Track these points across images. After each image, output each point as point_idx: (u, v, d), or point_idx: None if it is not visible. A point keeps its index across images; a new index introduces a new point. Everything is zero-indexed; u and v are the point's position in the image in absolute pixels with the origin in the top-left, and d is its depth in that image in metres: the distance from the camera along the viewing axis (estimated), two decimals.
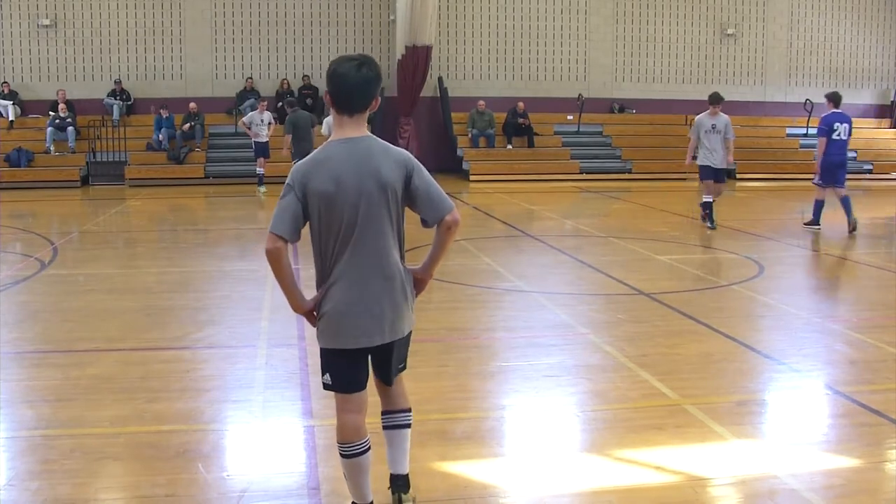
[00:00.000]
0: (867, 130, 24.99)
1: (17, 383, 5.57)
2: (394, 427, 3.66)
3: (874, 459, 4.44)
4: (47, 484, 4.04)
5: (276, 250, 3.28)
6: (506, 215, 15.00)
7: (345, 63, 3.33)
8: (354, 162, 3.31)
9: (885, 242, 13.10)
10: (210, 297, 8.31)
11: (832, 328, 7.14)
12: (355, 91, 3.32)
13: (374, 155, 3.34)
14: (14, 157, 20.05)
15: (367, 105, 3.37)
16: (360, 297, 3.36)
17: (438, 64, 23.26)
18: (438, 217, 3.40)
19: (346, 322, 3.37)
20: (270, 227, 3.30)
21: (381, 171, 3.32)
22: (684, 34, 24.63)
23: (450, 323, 7.37)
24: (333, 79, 3.33)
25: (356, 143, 3.35)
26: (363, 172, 3.30)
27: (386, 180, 3.32)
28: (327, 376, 3.48)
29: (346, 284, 3.35)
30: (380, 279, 3.37)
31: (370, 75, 3.33)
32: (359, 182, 3.29)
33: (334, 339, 3.42)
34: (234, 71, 22.61)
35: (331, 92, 3.35)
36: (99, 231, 13.72)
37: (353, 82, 3.30)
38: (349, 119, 3.36)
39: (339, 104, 3.35)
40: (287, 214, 3.29)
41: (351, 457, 3.48)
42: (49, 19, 21.69)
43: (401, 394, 3.67)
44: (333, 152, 3.34)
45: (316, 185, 3.29)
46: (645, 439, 4.62)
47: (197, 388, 5.51)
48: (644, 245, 11.36)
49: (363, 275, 3.35)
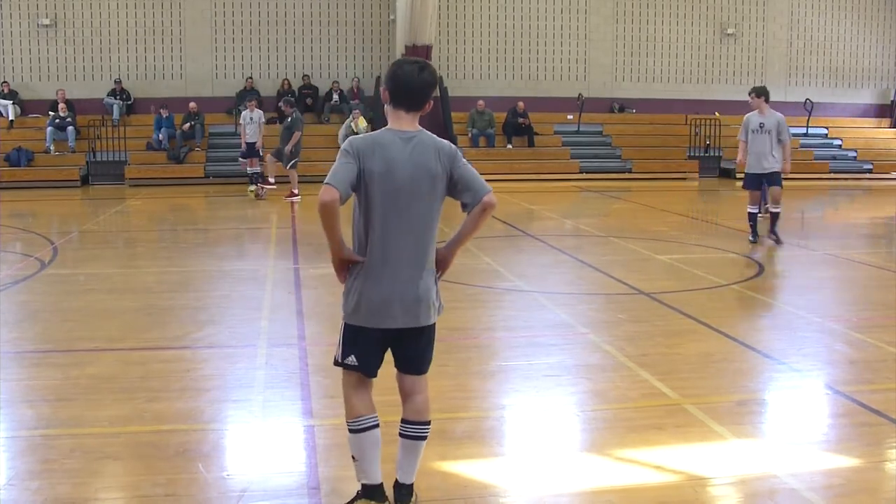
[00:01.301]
0: (867, 130, 25.01)
1: (17, 383, 5.57)
2: (413, 438, 3.69)
3: (874, 459, 4.44)
4: (47, 483, 4.03)
5: (333, 202, 3.35)
6: (506, 215, 14.99)
7: (408, 65, 3.54)
8: (408, 152, 3.48)
9: (885, 242, 13.10)
10: (210, 296, 8.31)
11: (832, 328, 7.14)
12: (416, 93, 3.51)
13: (426, 148, 3.52)
14: (14, 156, 20.05)
15: (422, 106, 3.56)
16: (396, 282, 3.51)
17: (438, 64, 23.24)
18: (478, 199, 3.54)
19: (379, 302, 3.50)
20: (328, 179, 3.40)
21: (430, 163, 3.50)
22: (684, 34, 24.64)
23: (450, 322, 7.35)
24: (395, 78, 3.52)
25: (410, 135, 3.52)
26: (414, 163, 3.48)
27: (434, 172, 3.50)
28: (352, 357, 3.59)
29: (383, 268, 3.50)
30: (417, 267, 3.54)
31: (430, 80, 3.54)
32: (410, 172, 3.47)
33: (365, 319, 3.54)
34: (234, 71, 22.61)
35: (391, 89, 3.54)
36: (99, 231, 13.72)
37: (415, 84, 3.50)
38: (405, 114, 3.54)
39: (398, 101, 3.53)
40: (345, 172, 3.41)
41: (363, 430, 3.58)
42: (49, 19, 21.69)
43: (424, 404, 3.72)
44: (389, 140, 3.50)
45: (372, 163, 3.44)
46: (645, 439, 4.61)
47: (197, 387, 5.51)
48: (644, 245, 11.36)
49: (402, 260, 3.51)
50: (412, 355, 3.66)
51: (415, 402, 3.69)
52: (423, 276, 3.56)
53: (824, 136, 24.42)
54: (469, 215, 3.59)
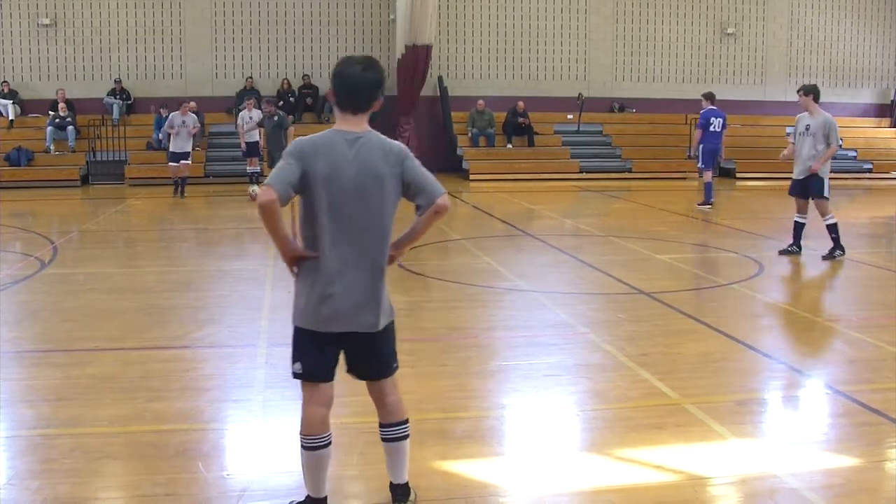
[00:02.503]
0: (867, 130, 25.00)
1: (17, 382, 5.57)
2: (393, 440, 3.67)
3: (874, 459, 4.44)
4: (47, 483, 4.04)
5: (272, 202, 3.30)
6: (506, 215, 14.99)
7: (351, 65, 3.43)
8: (353, 154, 3.40)
9: (884, 242, 13.10)
10: (210, 296, 8.31)
11: (832, 327, 7.14)
12: (360, 92, 3.42)
13: (372, 150, 3.43)
14: (14, 156, 20.05)
15: (370, 106, 3.46)
16: (345, 285, 3.42)
17: (438, 63, 23.26)
18: (431, 201, 3.48)
19: (332, 306, 3.42)
20: (268, 181, 3.35)
21: (376, 164, 3.41)
22: (684, 33, 24.63)
23: (450, 322, 7.37)
24: (339, 79, 3.44)
25: (356, 136, 3.43)
26: (359, 165, 3.39)
27: (381, 173, 3.41)
28: (298, 365, 3.53)
29: (332, 270, 3.41)
30: (366, 270, 3.45)
31: (376, 78, 3.44)
32: (355, 174, 3.38)
33: (318, 322, 3.45)
34: (234, 70, 22.61)
35: (336, 91, 3.45)
36: (99, 230, 13.72)
37: (359, 83, 3.41)
38: (352, 116, 3.46)
39: (344, 103, 3.44)
40: (286, 174, 3.34)
41: (314, 449, 3.52)
42: (49, 18, 21.69)
43: (397, 405, 3.67)
44: (333, 141, 3.42)
45: (316, 166, 3.36)
46: (645, 438, 4.62)
47: (197, 387, 5.51)
48: (644, 244, 11.36)
49: (350, 264, 3.43)
50: (365, 361, 3.59)
51: (386, 405, 3.65)
52: (373, 279, 3.47)
53: None
54: (421, 217, 3.53)
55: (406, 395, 5.42)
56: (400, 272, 9.34)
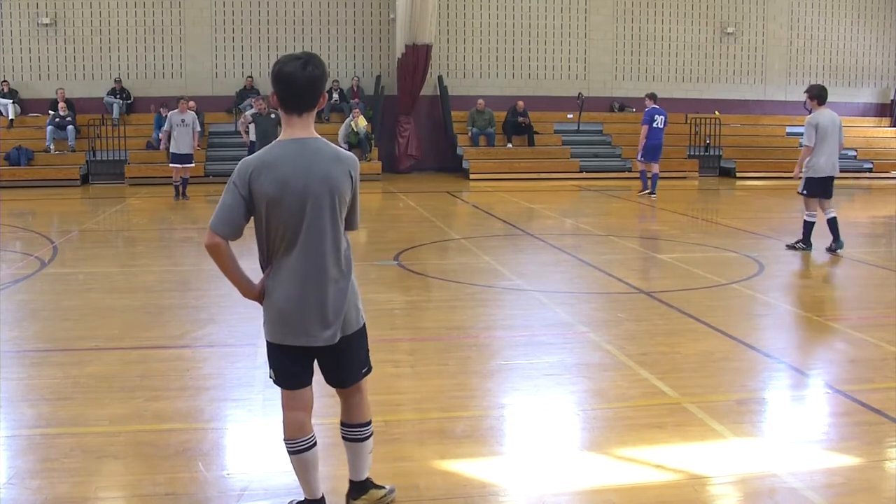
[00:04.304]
0: (867, 129, 25.00)
1: (17, 382, 5.56)
2: (352, 440, 3.68)
3: (874, 458, 4.44)
4: (47, 482, 4.03)
5: (216, 246, 3.31)
6: (506, 214, 14.99)
7: (290, 62, 3.31)
8: (303, 164, 3.30)
9: (884, 241, 13.10)
10: (210, 295, 8.30)
11: (832, 327, 7.14)
12: (305, 90, 3.31)
13: (324, 158, 3.35)
14: (14, 155, 20.04)
15: (315, 103, 3.36)
16: (304, 298, 3.37)
17: (438, 62, 23.26)
18: (351, 229, 3.49)
19: (290, 320, 3.40)
20: (211, 223, 3.31)
21: (330, 174, 3.33)
22: (684, 33, 24.63)
23: (450, 321, 7.37)
24: (280, 79, 3.31)
25: (305, 144, 3.34)
26: (311, 175, 3.30)
27: (334, 183, 3.33)
28: (272, 371, 3.56)
29: (291, 284, 3.37)
30: (324, 281, 3.38)
31: (317, 73, 3.31)
32: (306, 184, 3.29)
33: (279, 336, 3.44)
34: (234, 70, 22.61)
35: (278, 92, 3.34)
36: (99, 230, 13.71)
37: (300, 82, 3.29)
38: (298, 119, 3.35)
39: (288, 104, 3.34)
40: (229, 213, 3.29)
41: (297, 453, 3.54)
42: (49, 18, 21.68)
43: (361, 406, 3.65)
44: (282, 154, 3.32)
45: (262, 185, 3.28)
46: (645, 438, 4.61)
47: (197, 386, 5.51)
48: (644, 243, 11.36)
49: (308, 276, 3.37)
50: (333, 370, 3.59)
51: (349, 406, 3.65)
52: (337, 288, 3.41)
53: None
54: None
55: (406, 395, 5.47)
56: (400, 272, 9.35)
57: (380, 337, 6.82)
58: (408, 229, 13.17)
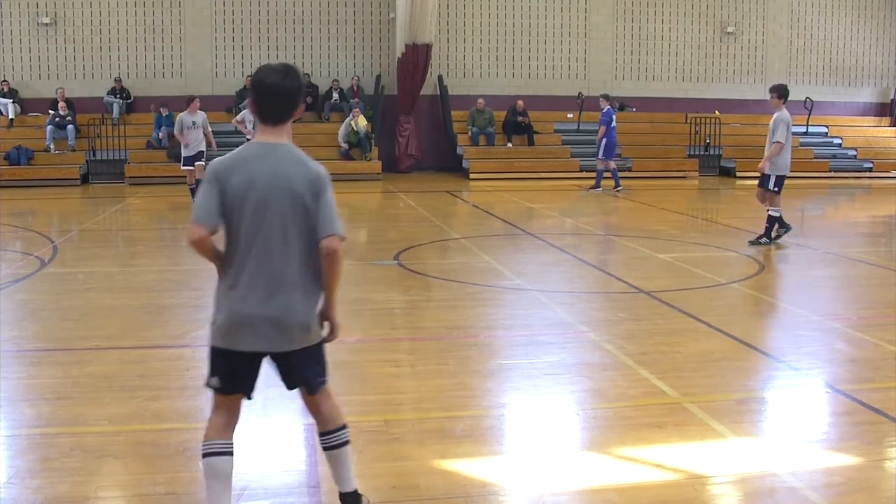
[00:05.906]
0: (867, 129, 25.00)
1: (17, 381, 5.57)
2: (332, 447, 3.60)
3: (874, 457, 4.44)
4: (47, 482, 4.04)
5: (201, 240, 3.34)
6: (506, 213, 14.99)
7: (270, 74, 3.36)
8: (270, 168, 3.33)
9: (884, 241, 13.10)
10: (210, 295, 8.22)
11: (832, 326, 7.14)
12: (284, 102, 3.37)
13: (290, 164, 3.36)
14: (14, 155, 20.03)
15: (291, 115, 3.40)
16: (259, 304, 3.33)
17: (438, 62, 23.25)
18: (323, 235, 3.29)
19: (241, 325, 3.35)
20: (193, 217, 3.33)
21: (293, 180, 3.32)
22: (684, 32, 24.62)
23: (450, 321, 7.37)
24: (259, 89, 3.36)
25: (275, 149, 3.37)
26: (275, 180, 3.32)
27: (296, 190, 3.32)
28: (215, 379, 3.44)
29: (246, 289, 3.35)
30: (280, 288, 3.33)
31: (295, 86, 3.36)
32: (269, 188, 3.31)
33: (227, 340, 3.39)
34: (234, 69, 22.59)
35: (257, 101, 3.38)
36: (99, 229, 13.71)
37: (279, 93, 3.34)
38: (272, 127, 3.39)
39: (265, 114, 3.38)
40: (208, 202, 3.31)
41: (207, 455, 3.42)
42: (49, 17, 21.67)
43: (332, 412, 3.59)
44: (251, 155, 3.37)
45: (231, 184, 3.31)
46: (645, 437, 4.62)
47: (197, 386, 5.49)
48: (644, 243, 11.36)
49: (264, 282, 3.33)
50: (290, 377, 3.52)
51: (321, 414, 3.59)
52: (288, 297, 3.33)
53: (824, 135, 24.40)
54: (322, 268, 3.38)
55: (406, 395, 5.47)
56: (400, 271, 9.35)
57: (380, 337, 6.84)
58: (408, 229, 13.17)
